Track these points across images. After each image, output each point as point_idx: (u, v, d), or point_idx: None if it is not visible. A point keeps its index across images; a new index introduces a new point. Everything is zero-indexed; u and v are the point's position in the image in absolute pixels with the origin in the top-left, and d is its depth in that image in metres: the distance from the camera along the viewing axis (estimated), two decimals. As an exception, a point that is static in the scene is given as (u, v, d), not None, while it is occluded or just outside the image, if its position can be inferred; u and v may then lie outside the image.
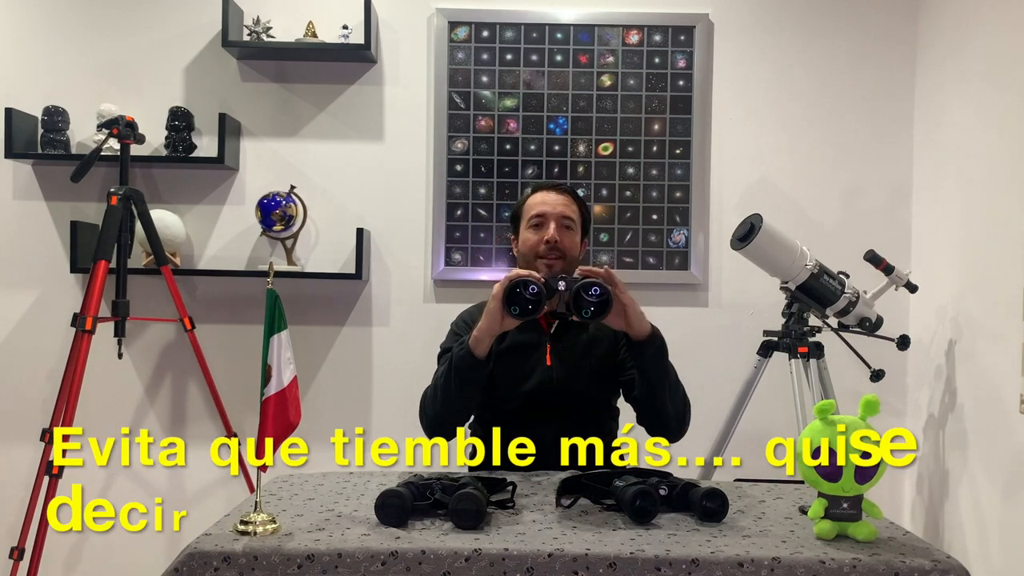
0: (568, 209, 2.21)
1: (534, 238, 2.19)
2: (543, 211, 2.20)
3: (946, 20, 2.94)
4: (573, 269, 2.13)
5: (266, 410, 1.53)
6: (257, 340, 1.80)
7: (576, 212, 2.23)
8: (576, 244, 2.22)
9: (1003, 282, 2.46)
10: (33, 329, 3.11)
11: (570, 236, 2.20)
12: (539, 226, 2.20)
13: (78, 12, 3.11)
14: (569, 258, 2.18)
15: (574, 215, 2.22)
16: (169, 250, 2.97)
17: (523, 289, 1.88)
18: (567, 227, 2.19)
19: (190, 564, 1.39)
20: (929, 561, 1.40)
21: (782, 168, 3.15)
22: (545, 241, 2.17)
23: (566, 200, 2.23)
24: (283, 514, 1.60)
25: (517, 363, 2.16)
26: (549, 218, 2.19)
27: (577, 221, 2.23)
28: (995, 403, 2.51)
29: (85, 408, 2.91)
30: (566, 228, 2.19)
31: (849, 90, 3.13)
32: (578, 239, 2.23)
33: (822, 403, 1.53)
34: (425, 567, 1.39)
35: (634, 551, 1.40)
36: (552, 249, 2.16)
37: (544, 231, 2.18)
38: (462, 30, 3.12)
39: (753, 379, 2.72)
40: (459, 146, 3.12)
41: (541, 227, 2.19)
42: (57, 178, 3.08)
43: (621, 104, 3.12)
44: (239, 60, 3.12)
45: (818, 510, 1.52)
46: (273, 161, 3.14)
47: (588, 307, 1.87)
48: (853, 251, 2.80)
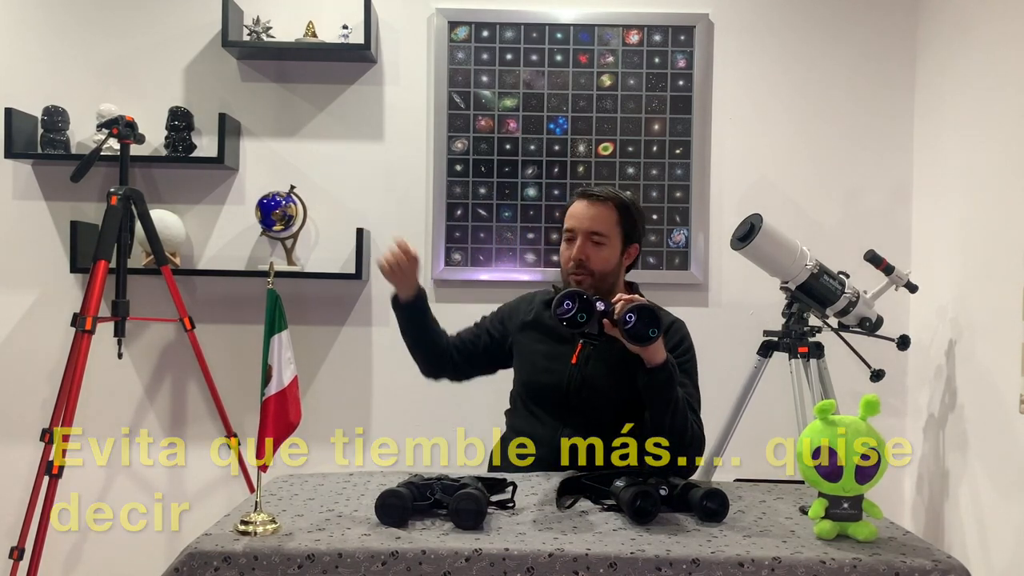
0: (600, 223, 2.14)
1: (565, 253, 2.18)
2: (572, 226, 2.16)
3: (946, 20, 2.94)
4: (606, 286, 2.14)
5: (266, 410, 1.53)
6: (257, 340, 1.80)
7: (613, 223, 2.15)
8: (608, 259, 2.15)
9: (1003, 282, 2.46)
10: (33, 329, 3.11)
11: (599, 252, 2.14)
12: (571, 240, 2.17)
13: (78, 12, 3.11)
14: (599, 274, 2.14)
15: (607, 229, 2.14)
16: (169, 250, 2.97)
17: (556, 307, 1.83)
18: (597, 243, 2.14)
19: (190, 564, 1.40)
20: (929, 561, 1.40)
21: (782, 168, 3.15)
22: (572, 259, 2.15)
23: (602, 212, 2.15)
24: (283, 514, 1.60)
25: (543, 347, 2.17)
26: (577, 233, 2.15)
27: (613, 234, 2.15)
28: (995, 403, 2.51)
29: (85, 408, 2.91)
30: (595, 244, 2.14)
31: (849, 90, 3.14)
32: (612, 253, 2.16)
33: (822, 403, 1.54)
34: (425, 567, 1.39)
35: (634, 551, 1.40)
36: (580, 267, 2.14)
37: (573, 246, 2.15)
38: (462, 30, 3.12)
39: (753, 379, 2.72)
40: (459, 146, 3.12)
41: (572, 242, 2.16)
42: (57, 178, 3.08)
43: (621, 104, 3.12)
44: (239, 60, 3.12)
45: (818, 510, 1.52)
46: (273, 161, 3.14)
47: (651, 328, 1.83)
48: (853, 251, 2.80)
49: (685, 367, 2.14)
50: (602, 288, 2.13)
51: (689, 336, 2.21)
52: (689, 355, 2.19)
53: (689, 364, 2.17)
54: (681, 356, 2.14)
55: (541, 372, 2.19)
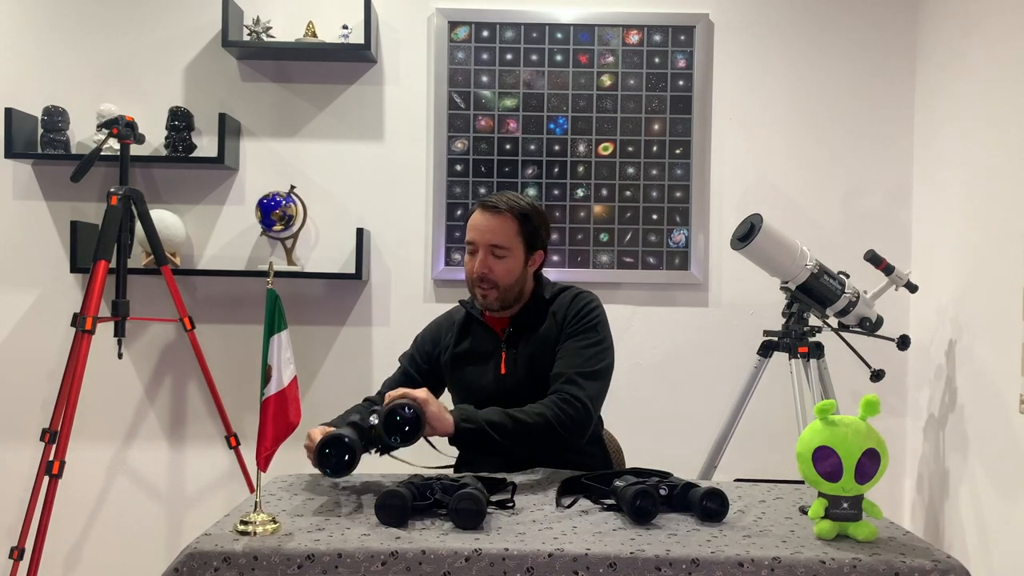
0: (499, 235, 2.09)
1: (468, 265, 2.14)
2: (472, 238, 2.12)
3: (946, 20, 2.94)
4: (512, 295, 2.12)
5: (266, 410, 1.52)
6: (257, 340, 1.81)
7: (513, 234, 2.10)
8: (510, 270, 2.10)
9: (1003, 282, 2.46)
10: (33, 329, 3.11)
11: (501, 265, 2.09)
12: (473, 252, 2.12)
13: (78, 12, 3.11)
14: (504, 286, 2.10)
15: (507, 241, 2.09)
16: (169, 250, 2.97)
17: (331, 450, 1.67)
18: (498, 256, 2.09)
19: (190, 564, 1.39)
20: (929, 561, 1.40)
21: (782, 168, 3.15)
22: (475, 272, 2.11)
23: (501, 223, 2.09)
24: (283, 514, 1.60)
25: (472, 371, 2.15)
26: (478, 246, 2.11)
27: (514, 245, 2.10)
28: (995, 403, 2.51)
29: (85, 408, 2.91)
30: (497, 257, 2.09)
31: (849, 89, 3.14)
32: (515, 264, 2.11)
33: (822, 403, 1.53)
34: (425, 567, 1.38)
35: (634, 551, 1.40)
36: (483, 280, 2.10)
37: (475, 259, 2.11)
38: (462, 30, 3.12)
39: (753, 379, 2.72)
40: (459, 146, 3.12)
41: (474, 255, 2.12)
42: (57, 178, 3.08)
43: (621, 104, 3.12)
44: (239, 60, 3.12)
45: (818, 510, 1.51)
46: (273, 161, 3.14)
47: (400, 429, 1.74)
48: (853, 251, 2.80)
49: (579, 330, 2.10)
50: (509, 297, 2.12)
51: (592, 307, 2.14)
52: (583, 322, 2.11)
53: (585, 327, 2.11)
54: (575, 323, 2.11)
55: (475, 389, 2.15)
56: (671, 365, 3.14)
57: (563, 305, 2.15)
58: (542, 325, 2.14)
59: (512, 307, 2.15)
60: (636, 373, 3.12)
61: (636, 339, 3.12)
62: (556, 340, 2.12)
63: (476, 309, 2.20)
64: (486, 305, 2.13)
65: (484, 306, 2.14)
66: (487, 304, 2.13)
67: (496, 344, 2.15)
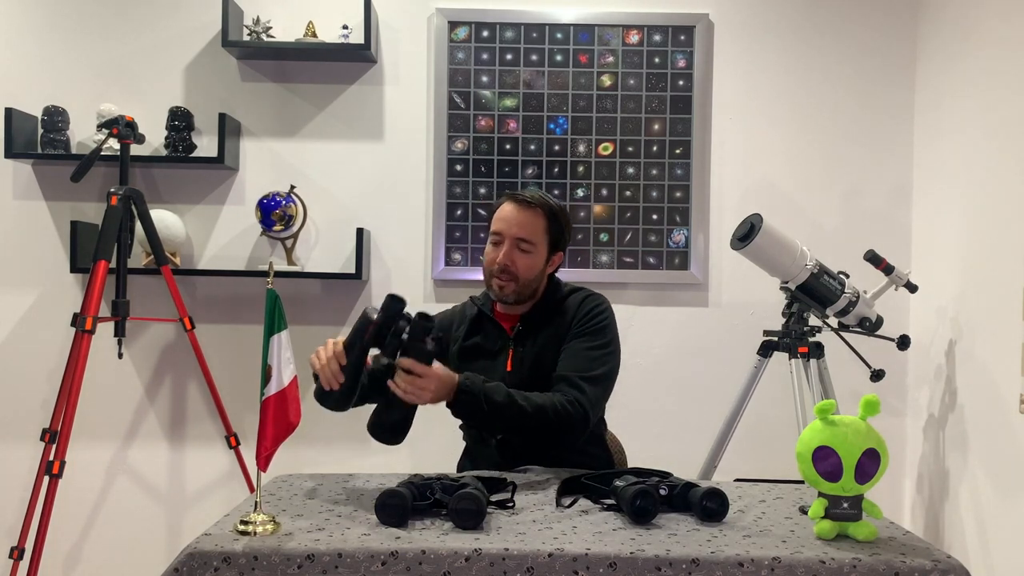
0: (528, 230, 2.11)
1: (491, 255, 2.14)
2: (500, 228, 2.12)
3: (946, 20, 2.94)
4: (528, 291, 2.13)
5: (266, 410, 1.53)
6: (257, 340, 1.81)
7: (540, 231, 2.13)
8: (532, 266, 2.12)
9: (1003, 282, 2.46)
10: (33, 329, 3.11)
11: (525, 259, 2.11)
12: (497, 243, 2.13)
13: (78, 12, 3.11)
14: (523, 281, 2.11)
15: (534, 237, 2.12)
16: (169, 250, 2.97)
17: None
18: (524, 250, 2.11)
19: (190, 564, 1.39)
20: (929, 561, 1.40)
21: (782, 168, 3.15)
22: (498, 263, 2.11)
23: (530, 217, 2.12)
24: (283, 514, 1.60)
25: (479, 366, 2.14)
26: (505, 237, 2.11)
27: (540, 241, 2.13)
28: (995, 403, 2.51)
29: (85, 408, 2.91)
30: (522, 251, 2.11)
31: (850, 89, 3.14)
32: (537, 260, 2.13)
33: (822, 403, 1.54)
34: (425, 567, 1.39)
35: (634, 551, 1.40)
36: (504, 271, 2.11)
37: (499, 250, 2.12)
38: (462, 30, 3.12)
39: (753, 379, 2.72)
40: (459, 146, 3.12)
41: (498, 245, 2.13)
42: (57, 178, 3.08)
43: (621, 104, 3.12)
44: (239, 60, 3.12)
45: (818, 510, 1.51)
46: (273, 161, 3.14)
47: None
48: (853, 251, 2.80)
49: (586, 331, 2.11)
50: (525, 293, 2.13)
51: (601, 309, 2.16)
52: (591, 324, 2.12)
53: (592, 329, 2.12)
54: (583, 323, 2.12)
55: None
56: (671, 365, 3.14)
57: (573, 306, 2.16)
58: (551, 325, 2.14)
59: (524, 304, 2.16)
60: (636, 373, 3.11)
61: (636, 339, 3.12)
62: (564, 340, 2.13)
63: (487, 306, 2.21)
64: (501, 297, 2.13)
65: (499, 297, 2.14)
66: (502, 296, 2.12)
67: (505, 341, 2.16)
